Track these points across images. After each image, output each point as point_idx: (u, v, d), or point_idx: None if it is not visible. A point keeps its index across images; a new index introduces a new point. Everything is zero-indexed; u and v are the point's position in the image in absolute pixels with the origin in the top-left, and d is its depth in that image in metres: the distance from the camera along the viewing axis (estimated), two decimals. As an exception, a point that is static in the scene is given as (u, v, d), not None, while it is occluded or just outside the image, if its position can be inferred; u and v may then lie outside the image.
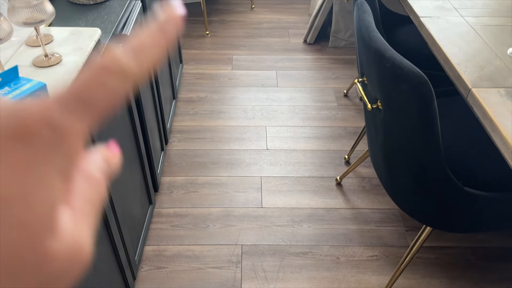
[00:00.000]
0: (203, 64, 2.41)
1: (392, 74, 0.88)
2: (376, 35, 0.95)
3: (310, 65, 2.41)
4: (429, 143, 0.92)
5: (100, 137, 0.96)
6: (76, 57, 0.93)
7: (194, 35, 2.68)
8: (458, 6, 1.26)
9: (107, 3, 1.21)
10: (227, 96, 2.17)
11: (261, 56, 2.49)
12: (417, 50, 1.58)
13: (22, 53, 0.94)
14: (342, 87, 2.23)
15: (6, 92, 0.63)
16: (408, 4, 1.28)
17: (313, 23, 2.50)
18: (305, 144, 1.86)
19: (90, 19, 1.13)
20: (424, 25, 1.17)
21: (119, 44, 0.21)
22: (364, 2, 1.09)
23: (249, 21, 2.84)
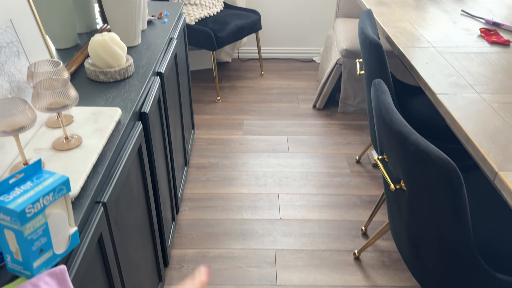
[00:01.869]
0: (215, 129, 2.43)
1: (417, 158, 0.86)
2: (398, 117, 0.95)
3: (321, 130, 2.42)
4: (459, 230, 0.88)
5: (115, 205, 0.94)
6: (96, 140, 0.93)
7: (206, 100, 2.73)
8: (472, 82, 1.27)
9: (127, 80, 1.24)
10: (238, 162, 2.16)
11: (272, 121, 2.52)
12: (432, 122, 1.58)
13: (42, 135, 0.94)
14: (354, 153, 2.22)
15: (28, 188, 0.62)
16: (423, 81, 1.29)
17: (322, 90, 2.55)
18: (319, 214, 1.81)
19: (110, 97, 1.14)
20: (442, 103, 1.17)
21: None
22: (381, 82, 1.10)
23: (259, 86, 2.91)
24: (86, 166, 0.85)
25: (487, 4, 2.00)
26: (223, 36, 2.53)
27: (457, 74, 1.32)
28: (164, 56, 1.49)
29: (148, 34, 1.58)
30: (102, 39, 1.17)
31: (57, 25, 1.30)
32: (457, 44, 1.55)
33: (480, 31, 1.65)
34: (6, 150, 0.86)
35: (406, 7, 1.94)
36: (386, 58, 1.36)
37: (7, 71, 0.89)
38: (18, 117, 0.76)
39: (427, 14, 1.85)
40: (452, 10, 1.91)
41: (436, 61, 1.41)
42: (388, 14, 1.85)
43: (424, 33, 1.64)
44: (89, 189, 0.83)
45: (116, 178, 0.93)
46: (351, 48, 2.33)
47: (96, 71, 1.20)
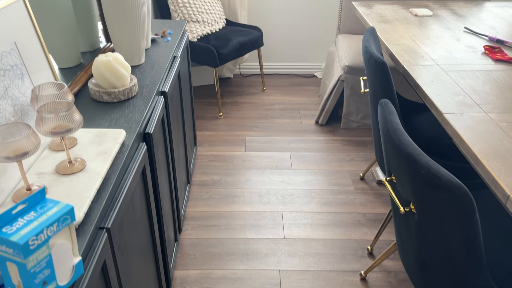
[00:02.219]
0: (217, 145, 2.42)
1: (428, 181, 0.85)
2: (406, 138, 0.93)
3: (324, 146, 2.41)
4: (471, 255, 0.86)
5: (119, 230, 0.91)
6: (100, 163, 0.91)
7: (208, 116, 2.72)
8: (479, 101, 1.26)
9: (131, 100, 1.23)
10: (241, 179, 2.14)
11: (274, 137, 2.50)
12: (437, 139, 1.57)
13: (45, 159, 0.92)
14: (358, 169, 2.20)
15: (32, 218, 0.60)
16: (430, 100, 1.28)
17: (325, 106, 2.54)
18: (324, 233, 1.78)
19: (114, 118, 1.13)
20: (449, 123, 1.15)
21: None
22: (388, 102, 1.09)
23: (261, 102, 2.90)
24: (90, 191, 0.83)
25: (490, 21, 2.00)
26: (225, 52, 2.54)
27: (463, 93, 1.31)
28: (168, 75, 1.48)
29: (152, 53, 1.58)
30: (106, 59, 1.16)
31: (60, 44, 1.30)
32: (461, 62, 1.54)
33: (484, 48, 1.64)
34: (8, 174, 0.84)
35: (408, 25, 1.94)
36: (391, 76, 1.35)
37: (10, 94, 0.88)
38: (22, 142, 0.75)
39: (430, 32, 1.86)
40: (455, 27, 1.91)
41: (441, 80, 1.40)
42: (391, 31, 1.85)
43: (428, 51, 1.64)
44: (93, 215, 0.81)
45: (120, 202, 0.91)
46: (353, 64, 2.33)
47: (100, 91, 1.19)
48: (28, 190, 0.80)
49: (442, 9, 2.19)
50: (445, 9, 2.19)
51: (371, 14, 2.09)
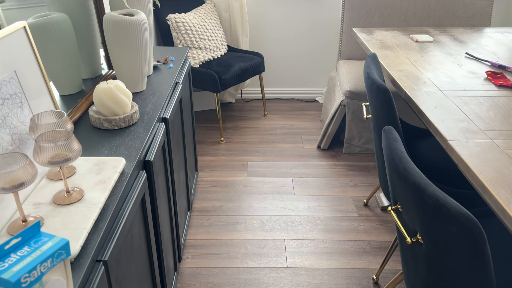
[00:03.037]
0: (218, 171, 2.40)
1: (436, 212, 0.82)
2: (412, 167, 0.91)
3: (326, 171, 2.38)
4: (481, 286, 0.82)
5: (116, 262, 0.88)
6: (99, 192, 0.89)
7: (209, 141, 2.71)
8: (484, 128, 1.25)
9: (132, 128, 1.21)
10: (243, 205, 2.11)
11: (276, 162, 2.48)
12: (442, 166, 1.54)
13: (42, 189, 0.90)
14: (362, 195, 2.16)
15: (25, 254, 0.57)
16: (434, 126, 1.27)
17: (327, 130, 2.53)
18: (328, 261, 1.74)
19: (114, 146, 1.12)
20: (454, 150, 1.13)
21: None
22: (392, 129, 1.07)
23: (262, 127, 2.90)
24: (87, 223, 0.80)
25: (491, 47, 2.01)
26: (227, 78, 2.55)
27: (467, 119, 1.30)
28: (169, 101, 1.48)
29: (154, 80, 1.58)
30: (107, 87, 1.15)
31: (62, 71, 1.30)
32: (464, 87, 1.53)
33: (487, 74, 1.64)
34: (4, 205, 0.82)
35: (410, 50, 1.95)
36: (394, 103, 1.34)
37: (9, 124, 0.87)
38: (18, 173, 0.73)
39: (431, 57, 1.86)
40: (456, 53, 1.92)
41: (444, 106, 1.39)
42: (392, 57, 1.86)
43: (430, 76, 1.64)
44: (89, 248, 0.78)
45: (118, 233, 0.88)
46: (354, 89, 2.33)
47: (100, 118, 1.18)
48: (24, 222, 0.78)
49: (442, 35, 2.21)
50: (445, 35, 2.21)
51: (371, 40, 2.10)
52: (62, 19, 1.28)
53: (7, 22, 1.00)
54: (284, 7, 3.01)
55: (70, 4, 1.34)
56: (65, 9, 1.32)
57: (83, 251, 0.77)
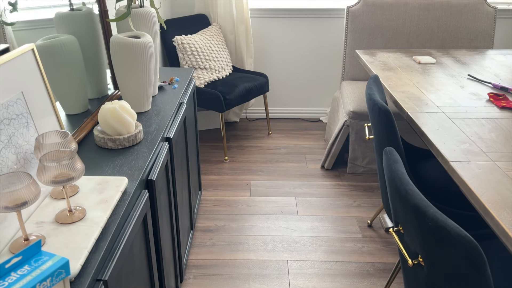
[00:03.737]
0: (222, 190, 2.40)
1: (436, 234, 0.82)
2: (413, 188, 0.91)
3: (330, 191, 2.38)
4: (485, 312, 0.81)
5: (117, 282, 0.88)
6: (101, 212, 0.90)
7: (213, 160, 2.72)
8: (486, 149, 1.25)
9: (135, 147, 1.23)
10: (245, 225, 2.10)
11: (280, 181, 2.48)
12: (444, 187, 1.54)
13: (45, 207, 0.91)
14: (365, 216, 2.15)
15: (25, 273, 0.58)
16: (435, 147, 1.27)
17: (330, 150, 2.54)
18: (331, 283, 1.72)
19: (118, 165, 1.13)
20: (456, 171, 1.13)
21: None
22: (393, 150, 1.08)
23: (266, 146, 2.91)
24: (88, 242, 0.81)
25: (493, 68, 2.03)
26: (231, 98, 2.58)
27: (469, 141, 1.30)
28: (174, 121, 1.50)
29: (159, 100, 1.60)
30: (112, 107, 1.18)
31: (69, 91, 1.32)
32: (466, 109, 1.54)
33: (489, 95, 1.65)
34: (7, 223, 0.83)
35: (412, 72, 1.97)
36: (395, 124, 1.35)
37: (14, 143, 0.89)
38: (21, 192, 0.74)
39: (433, 79, 1.88)
40: (458, 75, 1.93)
41: (446, 127, 1.39)
42: (395, 78, 1.87)
43: (432, 98, 1.65)
44: (90, 267, 0.78)
45: (119, 252, 0.88)
46: (358, 110, 2.35)
47: (104, 138, 1.20)
48: (26, 240, 0.79)
49: (445, 57, 2.23)
50: (448, 57, 2.23)
51: (374, 62, 2.12)
52: (70, 41, 1.32)
53: (18, 43, 1.03)
54: (288, 29, 3.06)
55: (78, 26, 1.38)
56: (73, 31, 1.35)
57: (83, 270, 0.77)
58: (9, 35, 1.00)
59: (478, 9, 2.64)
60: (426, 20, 2.65)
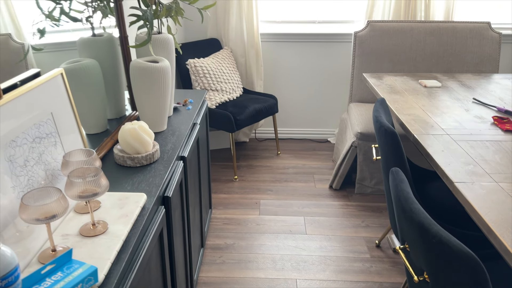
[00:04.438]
0: (231, 208, 2.44)
1: (440, 250, 0.86)
2: (417, 207, 0.96)
3: (338, 211, 2.41)
4: (489, 328, 0.84)
5: (135, 310, 0.93)
6: (122, 225, 0.95)
7: (223, 179, 2.77)
8: (489, 171, 1.29)
9: (153, 165, 1.29)
10: (255, 243, 2.13)
11: (288, 201, 2.52)
12: (451, 207, 1.57)
13: (70, 221, 0.97)
14: (374, 236, 2.18)
15: (58, 278, 0.63)
16: (440, 168, 1.32)
17: (338, 170, 2.58)
18: (339, 302, 1.74)
19: (136, 182, 1.19)
20: (460, 192, 1.18)
21: None
22: (399, 170, 1.12)
23: (275, 166, 2.96)
24: (111, 253, 0.86)
25: (498, 92, 2.08)
26: (242, 118, 2.65)
27: (473, 162, 1.34)
28: (188, 141, 1.56)
29: (174, 120, 1.67)
30: (132, 127, 1.24)
31: (90, 112, 1.40)
32: (471, 131, 1.59)
33: (493, 119, 1.70)
34: (35, 236, 0.88)
35: (418, 95, 2.03)
36: (401, 145, 1.40)
37: (44, 160, 0.96)
38: (52, 205, 0.80)
39: (439, 102, 1.93)
40: (464, 98, 1.99)
41: (451, 149, 1.44)
42: (401, 101, 1.93)
43: (437, 121, 1.70)
44: (112, 277, 0.83)
45: (138, 265, 0.93)
46: (365, 131, 2.40)
47: (124, 156, 1.27)
48: (53, 251, 0.85)
49: (450, 81, 2.28)
50: (453, 81, 2.29)
51: (381, 85, 2.19)
52: (93, 65, 1.40)
53: (37, 65, 1.10)
54: (297, 52, 3.15)
55: (100, 51, 1.47)
56: (95, 55, 1.44)
57: (106, 280, 0.82)
58: (29, 56, 1.08)
59: (483, 35, 2.71)
60: (432, 44, 2.72)
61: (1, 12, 0.94)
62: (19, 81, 0.98)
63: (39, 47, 1.13)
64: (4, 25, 0.94)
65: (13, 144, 0.87)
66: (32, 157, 0.92)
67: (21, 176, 0.88)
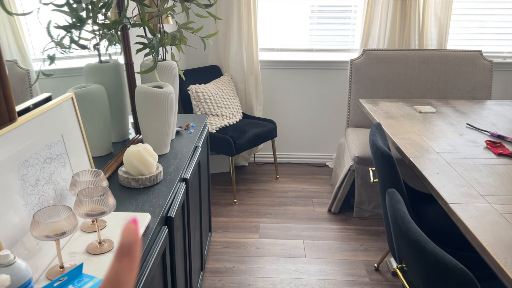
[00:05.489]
0: (231, 232, 2.46)
1: (435, 268, 0.89)
2: (414, 226, 0.99)
3: (337, 235, 2.42)
4: None
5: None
6: (127, 244, 0.98)
7: (223, 203, 2.80)
8: (483, 193, 1.33)
9: (156, 186, 1.33)
10: (254, 267, 2.14)
11: (287, 224, 2.54)
12: (448, 229, 1.60)
13: (77, 239, 1.00)
14: (372, 260, 2.19)
15: (69, 292, 0.66)
16: (435, 190, 1.36)
17: (337, 194, 2.61)
18: (338, 325, 1.74)
19: (140, 203, 1.22)
20: (455, 213, 1.21)
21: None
22: (395, 191, 1.16)
23: (274, 190, 2.99)
24: (117, 271, 0.89)
25: (490, 118, 2.14)
26: (241, 143, 2.70)
27: (467, 185, 1.39)
28: (190, 163, 1.60)
29: (176, 144, 1.72)
30: (137, 150, 1.29)
31: (95, 135, 1.45)
32: (465, 155, 1.64)
33: (486, 143, 1.75)
34: (43, 253, 0.91)
35: (413, 120, 2.09)
36: (398, 168, 1.45)
37: (54, 180, 0.99)
38: (62, 223, 0.84)
39: (434, 127, 1.99)
40: (458, 123, 2.05)
41: (446, 172, 1.48)
42: (397, 126, 1.99)
43: (432, 145, 1.75)
44: (117, 294, 0.86)
45: (142, 283, 0.96)
46: (362, 155, 2.45)
47: (128, 178, 1.30)
48: (61, 268, 0.87)
49: (445, 107, 2.35)
50: (447, 107, 2.35)
51: (377, 111, 2.25)
52: (99, 90, 1.46)
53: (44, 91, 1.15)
54: (295, 79, 3.24)
55: (106, 76, 1.53)
56: (101, 80, 1.50)
57: (112, 297, 0.85)
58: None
59: (475, 62, 2.80)
60: (426, 72, 2.81)
61: (7, 38, 1.00)
62: (32, 105, 1.03)
63: (48, 73, 1.19)
64: (10, 51, 1.00)
65: (26, 164, 0.91)
66: (43, 177, 0.96)
67: (32, 195, 0.91)
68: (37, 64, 1.11)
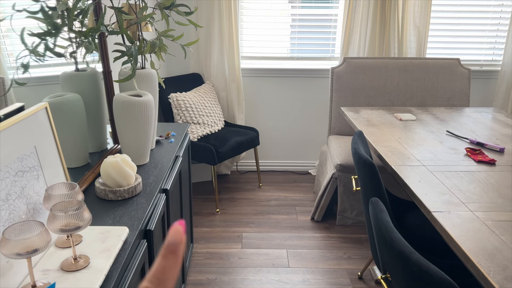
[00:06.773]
0: (213, 242, 2.42)
1: (421, 278, 0.88)
2: (397, 236, 0.98)
3: (320, 243, 2.41)
4: None
5: None
6: (103, 260, 0.94)
7: (205, 212, 2.75)
8: (465, 200, 1.34)
9: (135, 198, 1.29)
10: (237, 278, 2.10)
11: (271, 233, 2.51)
12: (431, 237, 1.60)
13: (51, 255, 0.95)
14: (356, 268, 2.18)
15: (39, 315, 0.62)
16: (418, 198, 1.36)
17: (320, 202, 2.60)
18: (323, 336, 1.71)
19: (118, 216, 1.18)
20: (438, 221, 1.21)
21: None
22: (378, 201, 1.15)
23: (257, 198, 2.96)
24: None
25: (469, 125, 2.17)
26: (223, 151, 2.67)
27: (449, 192, 1.39)
28: (170, 173, 1.56)
29: (156, 153, 1.68)
30: (115, 160, 1.25)
31: (71, 146, 1.40)
32: (445, 162, 1.65)
33: (466, 150, 1.77)
34: (14, 271, 0.86)
35: (394, 128, 2.10)
36: (380, 176, 1.44)
37: (26, 194, 0.95)
38: (33, 239, 0.79)
39: (414, 135, 2.00)
40: (438, 131, 2.07)
41: (427, 179, 1.49)
42: (378, 134, 2.00)
43: (413, 152, 1.76)
44: (93, 313, 0.82)
45: (120, 300, 0.92)
46: (345, 163, 2.45)
47: (106, 190, 1.26)
48: (33, 287, 0.83)
49: (424, 114, 2.38)
50: (427, 114, 2.38)
51: (358, 119, 2.26)
52: (75, 99, 1.41)
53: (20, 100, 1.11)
54: (277, 87, 3.24)
55: (83, 85, 1.48)
56: (78, 89, 1.45)
57: (87, 317, 0.80)
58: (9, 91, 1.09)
59: (453, 70, 2.85)
60: (406, 80, 2.84)
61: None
62: (2, 115, 0.98)
63: (22, 81, 1.14)
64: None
65: (-5, 177, 0.86)
66: (14, 191, 0.91)
67: (3, 210, 0.87)
68: (13, 72, 1.06)
